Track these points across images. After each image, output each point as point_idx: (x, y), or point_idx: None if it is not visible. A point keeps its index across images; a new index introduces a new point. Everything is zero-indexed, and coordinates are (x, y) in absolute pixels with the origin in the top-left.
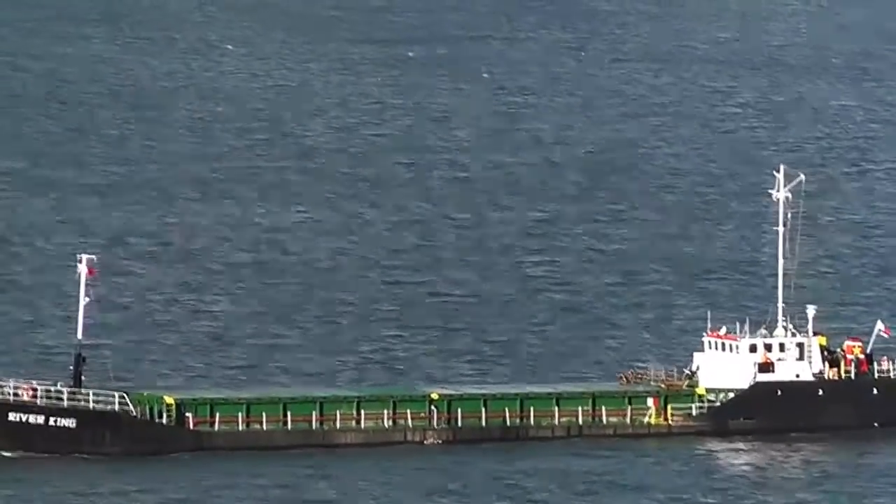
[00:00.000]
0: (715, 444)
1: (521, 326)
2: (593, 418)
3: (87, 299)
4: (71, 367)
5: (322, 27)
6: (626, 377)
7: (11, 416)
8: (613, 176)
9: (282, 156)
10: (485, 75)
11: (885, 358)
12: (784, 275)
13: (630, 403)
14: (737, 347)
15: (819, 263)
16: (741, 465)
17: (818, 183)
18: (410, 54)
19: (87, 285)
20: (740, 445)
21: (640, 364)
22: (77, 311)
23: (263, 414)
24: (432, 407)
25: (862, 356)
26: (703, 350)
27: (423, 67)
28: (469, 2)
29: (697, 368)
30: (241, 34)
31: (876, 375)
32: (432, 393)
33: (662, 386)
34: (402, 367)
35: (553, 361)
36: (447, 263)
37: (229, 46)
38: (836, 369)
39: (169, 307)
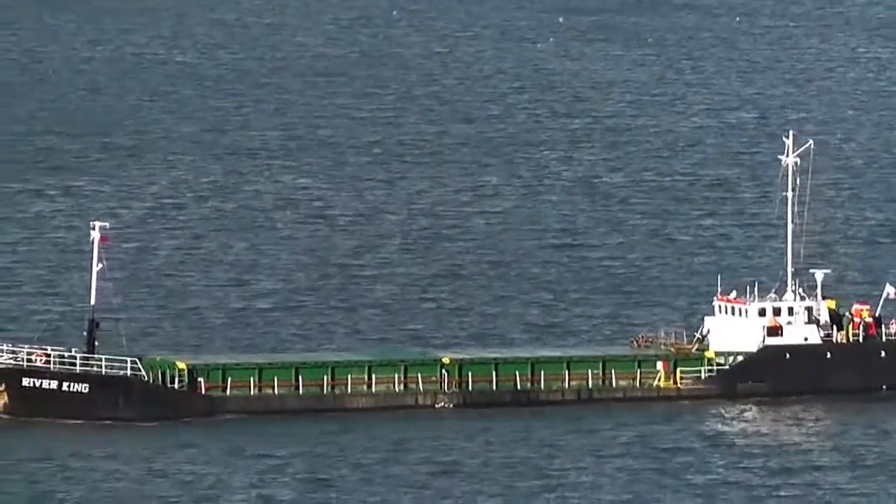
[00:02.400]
0: (723, 407)
1: (536, 290)
2: (603, 382)
3: (100, 265)
4: (84, 333)
5: None
6: (637, 341)
7: (25, 382)
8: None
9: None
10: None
11: (893, 321)
12: (793, 239)
13: (640, 367)
14: (746, 311)
15: (830, 228)
16: (747, 427)
17: None
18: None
19: (99, 252)
20: (748, 408)
21: (651, 328)
22: (90, 277)
23: (275, 379)
24: (443, 371)
25: (870, 320)
26: (713, 314)
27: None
28: None
29: (708, 332)
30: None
31: (884, 339)
32: (444, 357)
33: (672, 350)
34: (414, 331)
35: (565, 325)
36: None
37: (394, 13)
38: (844, 333)
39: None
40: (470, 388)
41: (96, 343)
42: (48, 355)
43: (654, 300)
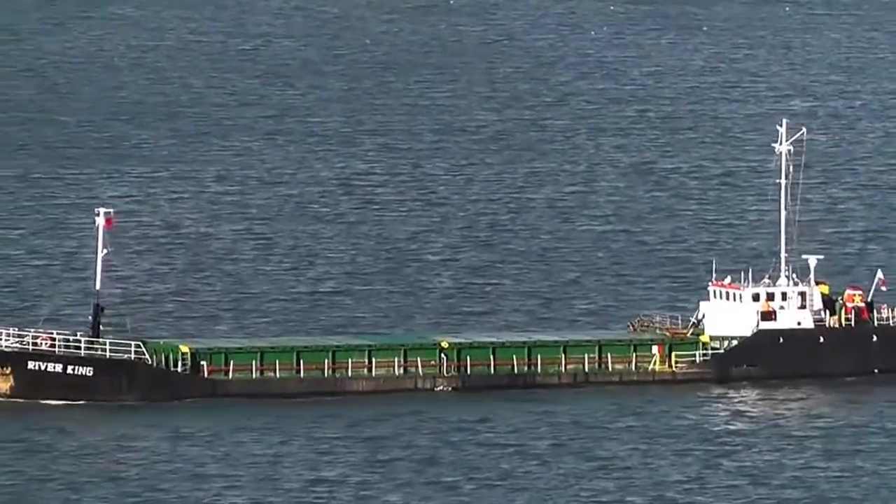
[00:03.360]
0: (717, 390)
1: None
2: (599, 365)
3: (105, 251)
4: (90, 317)
5: None
6: (633, 325)
7: (30, 365)
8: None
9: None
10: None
11: (884, 306)
12: (787, 226)
13: (635, 351)
14: (740, 296)
15: (823, 214)
16: (740, 410)
17: None
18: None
19: (104, 237)
20: (742, 391)
21: (647, 313)
22: (96, 262)
23: (277, 362)
24: (442, 355)
25: (862, 304)
26: (707, 299)
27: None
28: None
29: (703, 317)
30: None
31: (876, 323)
32: (442, 341)
33: (668, 334)
34: (413, 315)
35: (561, 310)
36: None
37: (451, 1)
38: (836, 317)
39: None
40: (468, 371)
41: (101, 327)
42: (53, 339)
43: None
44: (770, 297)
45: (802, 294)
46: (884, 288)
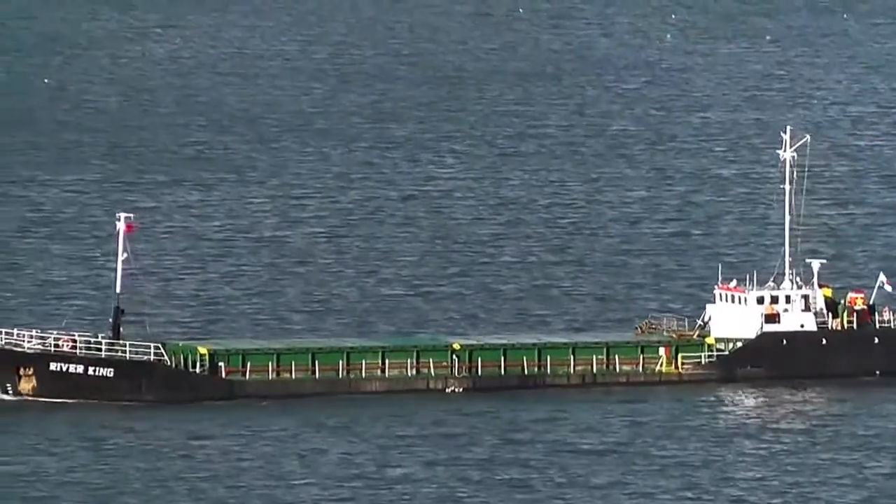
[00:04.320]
0: (722, 391)
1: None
2: (607, 367)
3: (125, 255)
4: (110, 320)
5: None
6: (641, 327)
7: (53, 366)
8: None
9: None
10: None
11: (886, 308)
12: (791, 230)
13: (642, 353)
14: (745, 299)
15: (827, 219)
16: (745, 410)
17: None
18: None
19: (124, 242)
20: (746, 392)
21: (655, 315)
22: (116, 265)
23: (292, 363)
24: (454, 356)
25: (864, 307)
26: (714, 302)
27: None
28: None
29: (709, 319)
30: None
31: (877, 326)
32: (454, 343)
33: (674, 336)
34: (426, 317)
35: (570, 312)
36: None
37: (519, 10)
38: (839, 319)
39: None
40: (479, 372)
41: (121, 329)
42: (75, 341)
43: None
44: (774, 300)
45: (806, 297)
46: (888, 287)
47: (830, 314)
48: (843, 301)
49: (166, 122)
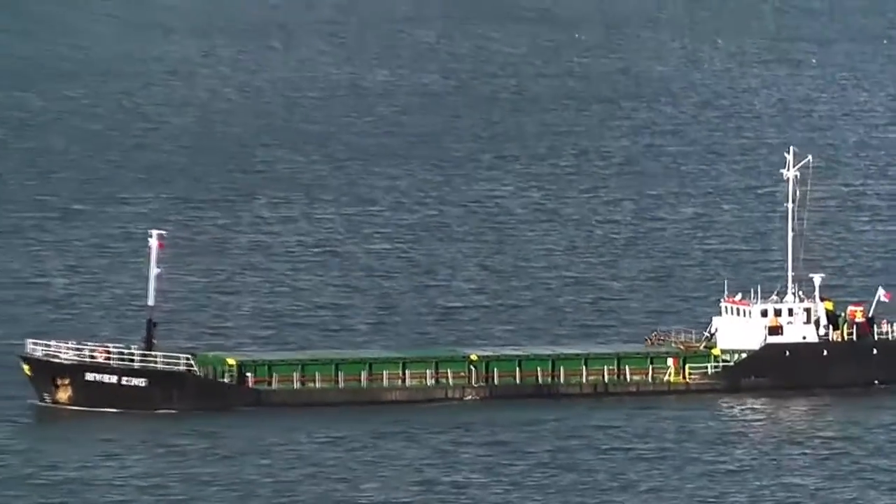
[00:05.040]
0: (727, 400)
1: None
2: (618, 377)
3: (158, 270)
4: (143, 332)
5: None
6: (651, 339)
7: (88, 376)
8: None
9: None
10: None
11: (885, 321)
12: (793, 246)
13: (651, 363)
14: (749, 312)
15: (828, 235)
16: (749, 419)
17: None
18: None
19: (157, 258)
20: (750, 401)
21: (664, 327)
22: (148, 280)
23: (317, 373)
24: (471, 367)
25: (863, 320)
26: (720, 314)
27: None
28: None
29: (715, 331)
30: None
31: (876, 337)
32: (471, 354)
33: (682, 347)
34: (444, 329)
35: (583, 324)
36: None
37: (581, 36)
38: (839, 332)
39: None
40: (496, 382)
41: (154, 341)
42: (109, 352)
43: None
44: (777, 312)
45: (808, 310)
46: (886, 300)
47: (831, 326)
48: (843, 314)
49: (241, 143)
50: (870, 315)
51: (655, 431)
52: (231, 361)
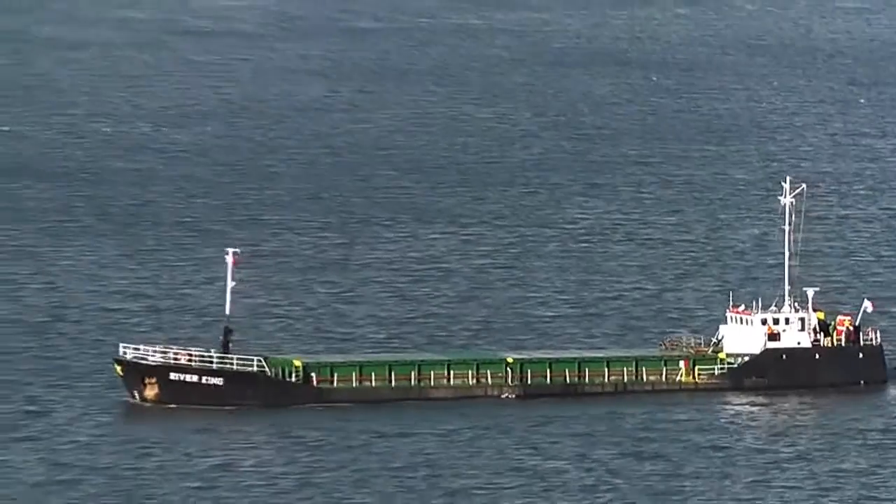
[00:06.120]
0: (732, 398)
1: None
2: (636, 377)
3: (233, 283)
4: (221, 337)
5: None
6: (665, 344)
7: (172, 376)
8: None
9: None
10: None
11: (870, 329)
12: (790, 263)
13: (665, 365)
14: (751, 321)
15: (820, 254)
16: (752, 413)
17: None
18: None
19: (233, 272)
20: (752, 398)
21: (676, 334)
22: (226, 292)
23: (373, 374)
24: (508, 368)
25: (851, 328)
26: (726, 323)
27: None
28: None
29: (722, 337)
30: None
31: (862, 343)
32: (508, 357)
33: (692, 351)
34: (485, 335)
35: (607, 330)
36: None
37: (653, 78)
38: (830, 338)
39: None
40: (529, 381)
41: (230, 345)
42: (190, 355)
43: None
44: (775, 321)
45: (802, 319)
46: (869, 310)
47: (823, 333)
48: (833, 323)
49: (362, 173)
50: (857, 324)
51: (707, 425)
52: (297, 363)
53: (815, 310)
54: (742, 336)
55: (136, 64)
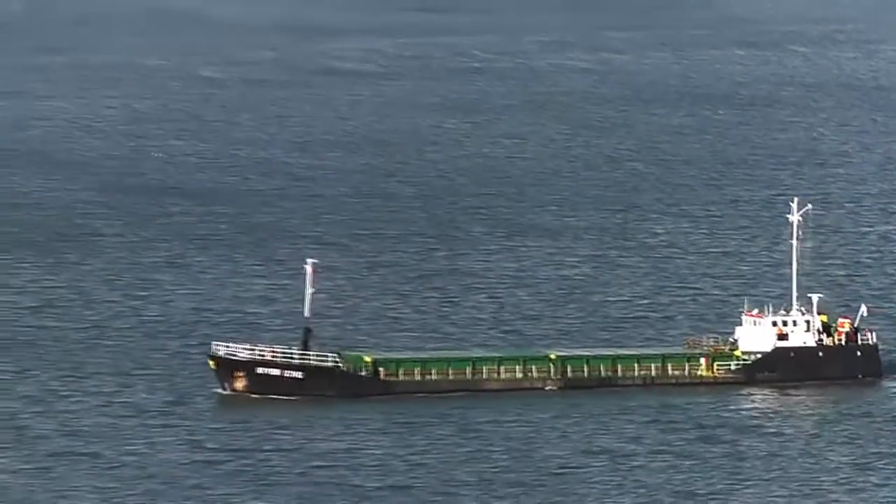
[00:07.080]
0: (746, 390)
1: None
2: (662, 372)
3: (312, 290)
4: (301, 335)
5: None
6: (688, 342)
7: (259, 370)
8: None
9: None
10: None
11: (866, 330)
12: (797, 273)
13: (688, 361)
14: (763, 323)
15: (824, 264)
16: (763, 404)
17: None
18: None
19: (311, 280)
20: (764, 391)
21: (697, 334)
22: (305, 297)
23: (433, 369)
24: (551, 364)
25: (850, 329)
26: (741, 324)
27: None
28: None
29: (738, 337)
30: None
31: (860, 343)
32: (551, 354)
33: (712, 349)
34: (531, 333)
35: (635, 331)
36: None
37: (720, 112)
38: (832, 338)
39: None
40: (569, 375)
41: (309, 343)
42: (274, 351)
43: None
44: (784, 323)
45: (808, 322)
46: (865, 314)
47: (825, 334)
48: (835, 325)
49: (470, 193)
50: (855, 326)
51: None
52: (367, 359)
53: (818, 313)
54: (755, 336)
55: (273, 98)
